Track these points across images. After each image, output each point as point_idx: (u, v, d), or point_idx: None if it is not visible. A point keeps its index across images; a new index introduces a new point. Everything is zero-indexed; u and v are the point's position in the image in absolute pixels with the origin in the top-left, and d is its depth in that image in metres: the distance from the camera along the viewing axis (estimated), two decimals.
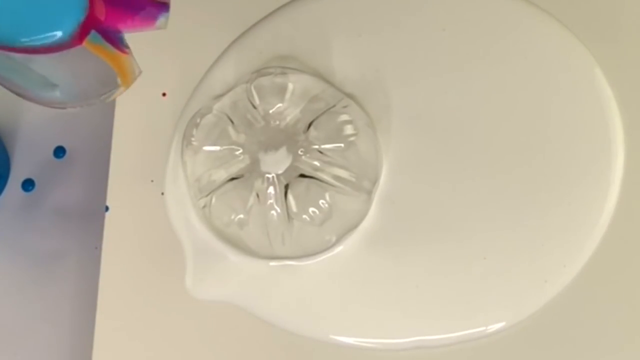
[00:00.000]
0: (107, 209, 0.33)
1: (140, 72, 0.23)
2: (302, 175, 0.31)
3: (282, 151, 0.30)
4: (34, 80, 0.21)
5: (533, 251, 0.31)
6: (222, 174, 0.31)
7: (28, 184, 0.36)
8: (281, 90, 0.32)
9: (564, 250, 0.31)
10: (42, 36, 0.22)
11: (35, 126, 0.36)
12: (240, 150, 0.31)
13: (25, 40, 0.22)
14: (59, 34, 0.22)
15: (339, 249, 0.32)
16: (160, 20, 0.24)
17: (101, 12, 0.23)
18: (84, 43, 0.22)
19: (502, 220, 0.32)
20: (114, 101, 0.34)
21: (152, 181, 0.34)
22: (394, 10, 0.34)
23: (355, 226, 0.32)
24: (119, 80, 0.24)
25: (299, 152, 0.30)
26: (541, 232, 0.32)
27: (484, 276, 0.31)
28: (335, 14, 0.35)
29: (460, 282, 0.31)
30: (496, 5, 0.34)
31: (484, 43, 0.34)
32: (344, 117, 0.32)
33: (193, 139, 0.32)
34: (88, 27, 0.22)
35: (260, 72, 0.33)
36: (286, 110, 0.32)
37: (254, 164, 0.31)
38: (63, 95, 0.23)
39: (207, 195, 0.32)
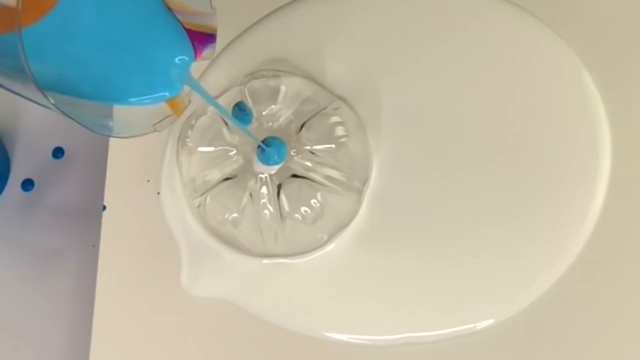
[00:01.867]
0: (104, 208, 0.34)
1: (190, 102, 0.24)
2: (295, 176, 0.31)
3: None
4: (89, 114, 0.22)
5: (522, 250, 0.31)
6: (216, 174, 0.32)
7: (27, 184, 0.36)
8: (274, 93, 0.32)
9: (551, 249, 0.31)
10: (154, 96, 0.23)
11: (34, 128, 0.36)
12: (234, 151, 0.32)
13: (136, 101, 0.22)
14: (167, 94, 0.23)
15: (330, 247, 0.32)
16: (207, 51, 0.24)
17: None
18: None
19: (492, 219, 0.32)
20: None
21: (148, 181, 0.34)
22: (385, 14, 0.35)
23: (346, 225, 0.32)
24: (169, 109, 0.24)
25: (292, 153, 0.31)
26: (529, 231, 0.32)
27: (473, 274, 0.31)
28: (327, 18, 0.35)
29: (450, 279, 0.32)
30: (485, 8, 0.34)
31: (473, 46, 0.34)
32: (335, 119, 0.32)
33: (188, 140, 0.32)
34: None
35: (253, 75, 0.33)
36: (279, 112, 0.32)
37: (248, 165, 0.31)
38: (117, 126, 0.23)
39: (201, 195, 0.32)
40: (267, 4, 0.35)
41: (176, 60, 0.23)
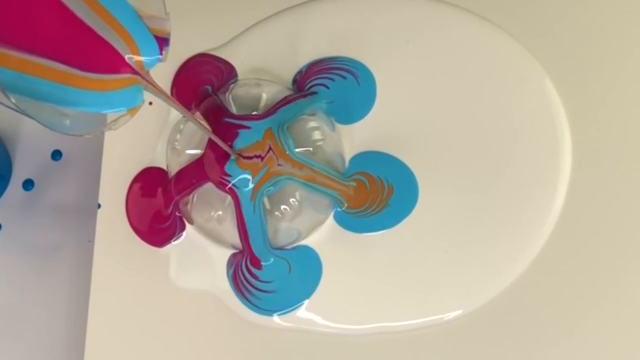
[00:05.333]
0: (99, 206, 0.34)
1: (143, 100, 0.24)
2: None
3: None
4: (46, 112, 0.22)
5: (489, 246, 0.32)
6: None
7: (28, 184, 0.37)
8: (256, 100, 0.33)
9: (516, 245, 0.32)
10: (113, 110, 0.23)
11: (34, 131, 0.37)
12: None
13: (94, 111, 0.22)
14: (124, 109, 0.23)
15: (308, 242, 0.33)
16: (162, 54, 0.24)
17: None
18: None
19: (462, 218, 0.33)
20: None
21: None
22: (362, 25, 0.35)
23: (323, 222, 0.33)
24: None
25: None
26: (496, 228, 0.33)
27: (444, 268, 0.32)
28: (306, 29, 0.35)
29: (422, 273, 0.32)
30: (456, 21, 0.35)
31: (444, 55, 0.35)
32: (313, 124, 0.33)
33: (176, 143, 0.34)
34: None
35: (237, 83, 0.34)
36: None
37: None
38: (73, 124, 0.22)
39: (189, 194, 0.33)
40: (250, 17, 0.36)
41: (144, 59, 0.23)
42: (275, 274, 0.33)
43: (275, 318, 0.33)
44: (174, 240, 0.34)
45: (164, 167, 0.35)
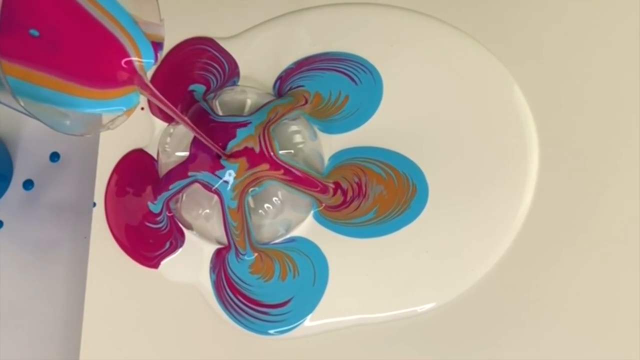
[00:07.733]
0: (94, 204, 0.35)
1: (139, 102, 0.25)
2: None
3: None
4: (47, 112, 0.22)
5: (464, 244, 0.33)
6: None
7: (28, 184, 0.38)
8: (241, 105, 0.34)
9: (487, 242, 0.33)
10: (112, 109, 0.24)
11: (34, 135, 0.38)
12: None
13: (93, 111, 0.23)
14: (124, 109, 0.24)
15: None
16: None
17: None
18: None
19: (440, 218, 0.33)
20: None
21: None
22: (346, 30, 0.36)
23: (303, 219, 0.34)
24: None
25: None
26: (470, 228, 0.33)
27: (423, 266, 0.33)
28: (288, 39, 0.36)
29: (402, 270, 0.33)
30: (428, 29, 0.36)
31: (423, 62, 0.35)
32: (294, 128, 0.34)
33: (167, 145, 0.35)
34: None
35: (223, 90, 0.35)
36: None
37: None
38: (72, 124, 0.23)
39: (178, 193, 0.34)
40: (235, 27, 0.37)
41: (144, 62, 0.24)
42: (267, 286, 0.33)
43: (271, 332, 0.33)
44: (169, 257, 0.34)
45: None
